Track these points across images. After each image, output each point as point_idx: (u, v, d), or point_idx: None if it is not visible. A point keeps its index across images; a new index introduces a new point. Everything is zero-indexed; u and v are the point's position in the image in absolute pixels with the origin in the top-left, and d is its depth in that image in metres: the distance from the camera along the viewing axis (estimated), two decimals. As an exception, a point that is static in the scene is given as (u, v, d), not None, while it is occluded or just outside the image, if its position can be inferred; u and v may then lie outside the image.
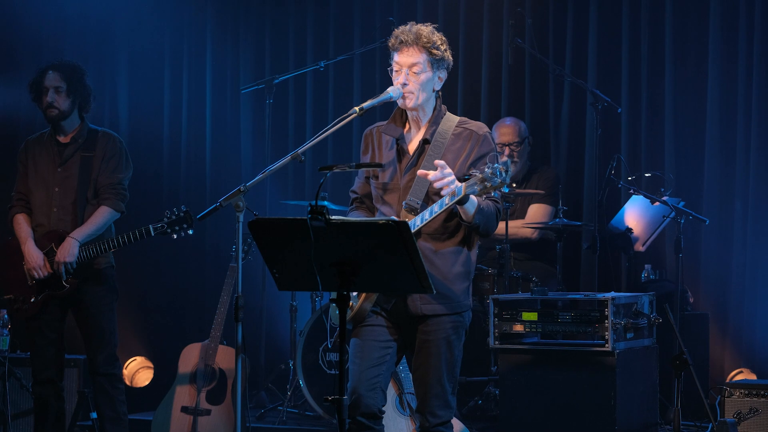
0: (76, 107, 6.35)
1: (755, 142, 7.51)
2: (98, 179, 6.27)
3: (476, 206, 4.39)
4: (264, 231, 4.09)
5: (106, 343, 6.25)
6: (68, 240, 6.12)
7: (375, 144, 4.71)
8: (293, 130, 8.95)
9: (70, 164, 6.30)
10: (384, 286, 4.33)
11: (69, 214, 6.24)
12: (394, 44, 4.59)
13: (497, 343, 6.27)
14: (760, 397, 6.22)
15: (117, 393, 6.32)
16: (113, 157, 6.32)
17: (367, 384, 4.49)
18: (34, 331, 6.25)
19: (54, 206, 6.26)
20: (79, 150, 6.31)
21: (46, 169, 6.32)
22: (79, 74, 6.37)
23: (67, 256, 6.09)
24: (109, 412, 6.29)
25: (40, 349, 6.26)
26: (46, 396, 6.29)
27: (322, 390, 7.09)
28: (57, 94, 6.28)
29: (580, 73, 8.00)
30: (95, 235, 6.19)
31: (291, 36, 8.99)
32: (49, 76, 6.31)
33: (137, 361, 8.50)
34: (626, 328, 6.12)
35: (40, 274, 6.14)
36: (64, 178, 6.28)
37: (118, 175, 6.31)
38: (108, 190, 6.26)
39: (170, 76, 9.07)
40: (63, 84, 6.29)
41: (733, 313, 7.57)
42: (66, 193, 6.26)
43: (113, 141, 6.37)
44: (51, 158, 6.33)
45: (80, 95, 6.35)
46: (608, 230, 7.55)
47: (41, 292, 6.18)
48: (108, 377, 6.27)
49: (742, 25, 7.58)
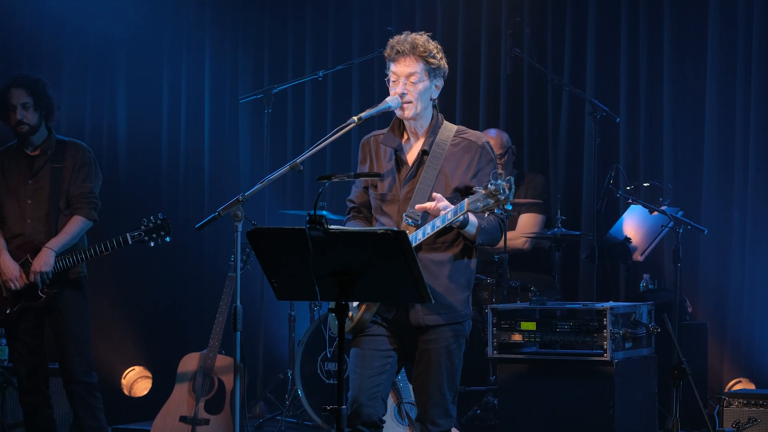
0: (43, 119, 6.34)
1: (753, 153, 7.51)
2: (70, 189, 6.29)
3: (477, 227, 4.41)
4: (262, 240, 4.09)
5: (80, 350, 6.27)
6: (44, 250, 6.14)
7: (373, 153, 4.71)
8: (292, 139, 8.96)
9: (40, 176, 6.31)
10: (383, 296, 4.33)
11: (43, 225, 6.26)
12: (391, 54, 4.59)
13: (496, 352, 6.27)
14: (759, 406, 6.21)
15: (96, 401, 6.34)
16: (83, 166, 6.34)
17: (367, 393, 4.49)
18: (15, 341, 6.29)
19: (27, 218, 6.27)
20: (49, 161, 6.32)
21: (17, 182, 6.33)
22: (42, 87, 6.36)
23: (44, 266, 6.11)
24: (90, 421, 6.30)
25: (23, 358, 6.29)
26: (35, 404, 6.32)
27: (320, 400, 7.08)
28: (25, 110, 6.27)
29: (579, 83, 8.01)
30: (70, 244, 6.22)
31: (289, 46, 9.01)
32: (14, 93, 6.29)
33: (136, 370, 8.49)
34: (625, 338, 6.12)
35: (16, 285, 6.16)
36: (35, 190, 6.29)
37: (89, 184, 6.33)
38: (80, 200, 6.28)
39: (169, 86, 9.07)
40: (30, 99, 6.28)
41: (732, 323, 7.56)
42: (39, 205, 6.27)
43: (83, 151, 6.38)
44: (21, 171, 6.33)
45: (46, 107, 6.35)
46: (607, 240, 7.55)
47: (17, 303, 6.19)
48: (85, 386, 6.28)
49: (741, 35, 7.59)
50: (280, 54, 9.03)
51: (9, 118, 6.31)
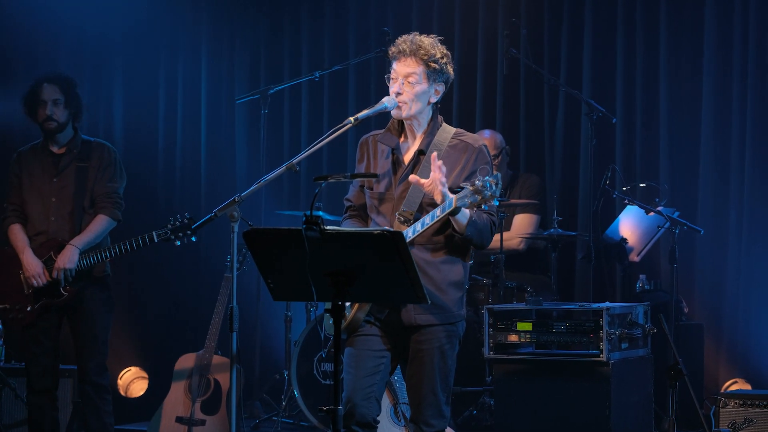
0: (71, 119, 6.37)
1: (750, 153, 7.52)
2: (94, 189, 6.30)
3: (468, 218, 4.40)
4: (259, 241, 4.08)
5: (97, 351, 6.26)
6: (68, 247, 6.14)
7: (370, 152, 4.72)
8: (288, 140, 8.96)
9: (65, 174, 6.31)
10: (379, 297, 4.33)
11: (67, 224, 6.26)
12: (394, 53, 4.60)
13: (492, 353, 6.27)
14: (755, 407, 6.22)
15: (104, 404, 6.31)
16: (109, 166, 6.35)
17: (361, 393, 4.49)
18: (31, 339, 6.25)
19: (51, 216, 6.27)
20: (75, 160, 6.33)
21: (42, 180, 6.33)
22: (73, 86, 6.41)
23: (67, 262, 6.11)
24: (95, 422, 6.29)
25: (36, 358, 6.25)
26: (42, 406, 6.29)
27: (316, 400, 7.08)
28: (55, 106, 6.31)
29: (575, 84, 8.01)
30: (94, 243, 6.22)
31: (286, 46, 9.01)
32: (46, 88, 6.33)
33: (132, 371, 8.49)
34: (621, 339, 6.12)
35: (39, 282, 6.15)
36: (60, 188, 6.30)
37: (114, 184, 6.35)
38: (105, 200, 6.29)
39: (165, 86, 9.07)
40: (61, 96, 6.32)
41: (728, 324, 7.57)
42: (63, 203, 6.28)
43: (108, 151, 6.40)
44: (46, 169, 6.34)
45: (75, 106, 6.39)
46: (603, 240, 7.55)
47: (38, 300, 6.18)
48: (96, 387, 6.27)
49: (737, 36, 7.60)
50: (277, 54, 9.03)
51: (37, 113, 6.33)
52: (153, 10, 8.89)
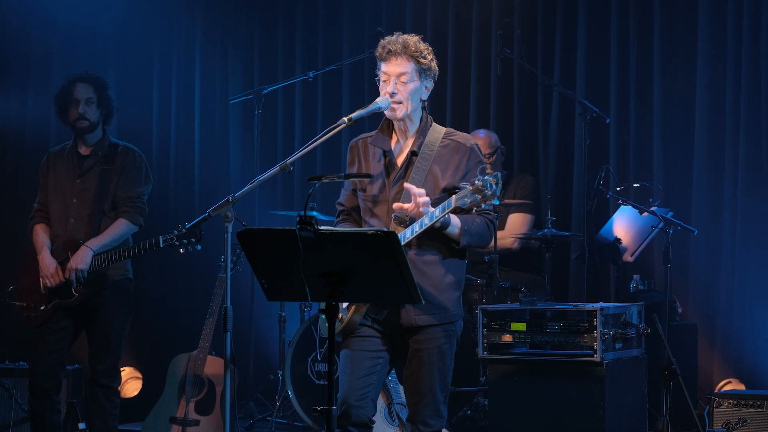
0: (102, 119, 6.35)
1: (743, 153, 7.52)
2: (117, 192, 6.27)
3: (459, 228, 4.41)
4: (253, 241, 4.08)
5: (109, 353, 6.24)
6: (82, 248, 6.12)
7: (361, 155, 4.71)
8: (282, 140, 8.96)
9: (88, 176, 6.30)
10: (373, 297, 4.33)
11: (85, 225, 6.23)
12: (382, 54, 4.60)
13: (486, 353, 6.27)
14: (749, 407, 6.23)
15: (112, 407, 6.30)
16: (132, 170, 6.32)
17: (357, 394, 4.49)
18: (37, 338, 6.24)
19: (71, 217, 6.26)
20: (99, 163, 6.31)
21: (65, 180, 6.32)
22: (106, 86, 6.41)
23: (80, 263, 6.09)
24: (100, 423, 6.27)
25: (39, 358, 6.21)
26: (43, 410, 6.25)
27: (311, 400, 7.08)
28: (88, 105, 6.30)
29: (569, 84, 8.02)
30: (110, 246, 6.18)
31: (280, 46, 9.00)
32: (79, 87, 6.32)
33: (126, 371, 8.47)
34: (615, 339, 6.12)
35: (51, 282, 6.14)
36: (81, 190, 6.28)
37: (137, 189, 6.31)
38: (126, 204, 6.26)
39: (159, 86, 9.06)
40: (94, 95, 6.33)
41: (722, 324, 7.58)
42: (83, 205, 6.26)
43: (133, 155, 6.38)
44: (70, 169, 6.34)
45: (107, 107, 6.38)
46: (597, 240, 7.55)
47: (51, 300, 6.17)
48: (105, 390, 6.25)
49: (730, 36, 7.61)
50: (271, 55, 9.03)
51: (69, 111, 6.32)
52: (146, 10, 8.88)
